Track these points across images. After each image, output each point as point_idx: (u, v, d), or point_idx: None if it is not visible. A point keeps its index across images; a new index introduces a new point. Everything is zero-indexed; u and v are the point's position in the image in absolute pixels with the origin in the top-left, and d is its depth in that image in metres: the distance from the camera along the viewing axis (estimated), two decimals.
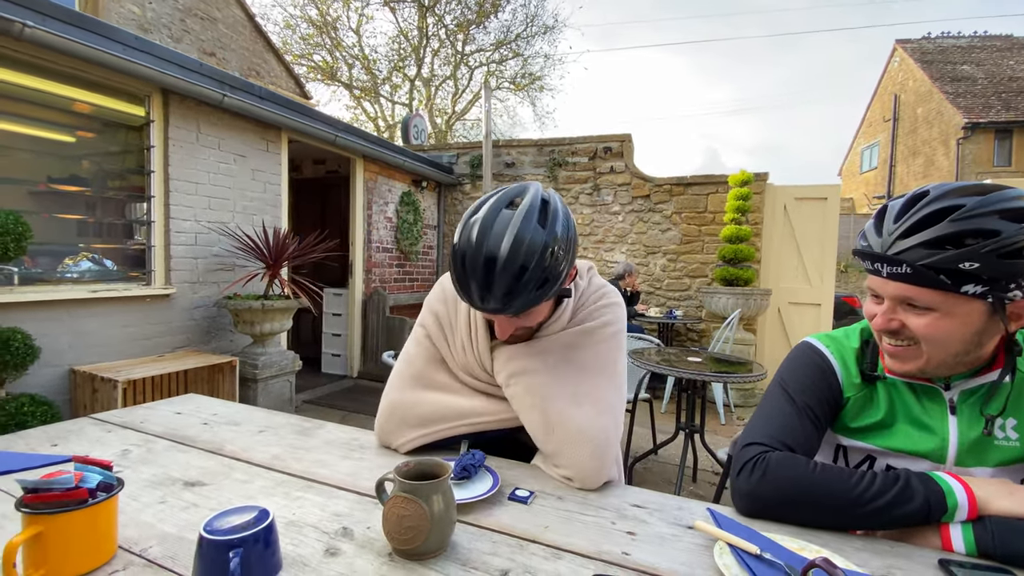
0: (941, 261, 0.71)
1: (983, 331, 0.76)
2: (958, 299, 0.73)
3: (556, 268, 0.85)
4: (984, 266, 0.70)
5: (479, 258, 0.82)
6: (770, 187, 5.46)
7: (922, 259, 0.73)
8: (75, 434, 1.11)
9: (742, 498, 0.83)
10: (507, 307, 0.85)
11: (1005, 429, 0.80)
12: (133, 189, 3.38)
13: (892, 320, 0.79)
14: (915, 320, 0.77)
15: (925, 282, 0.74)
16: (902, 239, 0.75)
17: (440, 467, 0.73)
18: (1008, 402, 0.81)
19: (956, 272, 0.71)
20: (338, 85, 15.58)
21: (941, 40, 17.84)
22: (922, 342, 0.78)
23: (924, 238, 0.73)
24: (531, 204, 0.85)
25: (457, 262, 0.85)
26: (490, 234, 0.82)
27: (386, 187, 5.77)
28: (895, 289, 0.77)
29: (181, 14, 7.35)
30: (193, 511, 0.79)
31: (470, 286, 0.84)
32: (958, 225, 0.71)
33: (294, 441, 1.10)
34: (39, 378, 2.76)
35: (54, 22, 2.64)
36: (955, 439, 0.82)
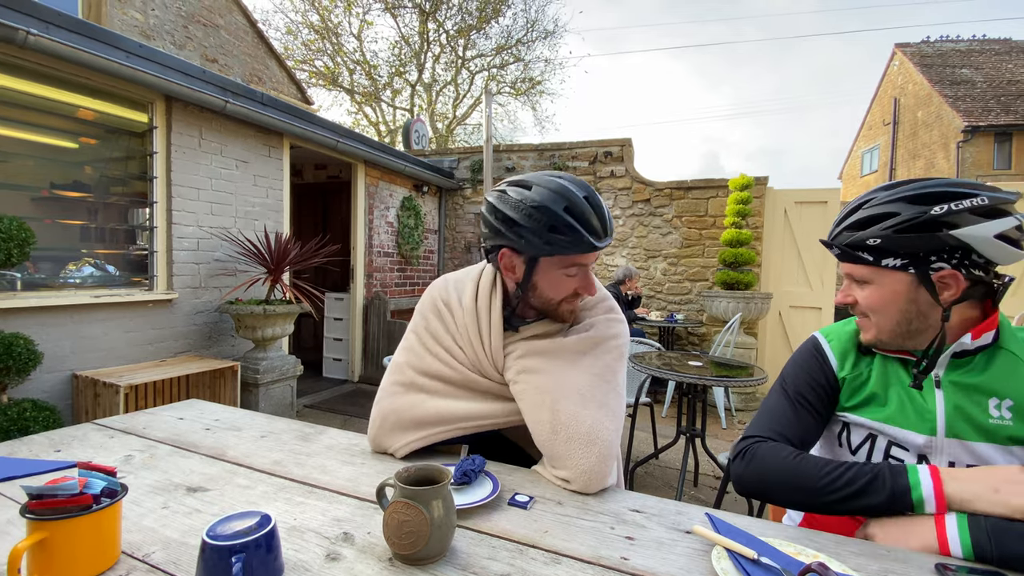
0: (856, 240, 0.88)
1: (916, 300, 0.86)
2: (883, 272, 0.88)
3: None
4: (886, 240, 0.85)
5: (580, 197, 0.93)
6: (770, 191, 5.48)
7: (845, 240, 0.90)
8: (78, 440, 1.12)
9: (734, 482, 0.97)
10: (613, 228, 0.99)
11: (1000, 409, 0.83)
12: (135, 195, 3.40)
13: (847, 296, 0.94)
14: (859, 293, 0.92)
15: (850, 259, 0.91)
16: (836, 227, 0.94)
17: (440, 473, 0.74)
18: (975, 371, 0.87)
19: (870, 248, 0.87)
20: (340, 90, 15.65)
21: (940, 44, 17.88)
22: (868, 312, 0.91)
23: (846, 224, 0.91)
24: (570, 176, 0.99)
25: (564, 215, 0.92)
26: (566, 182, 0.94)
27: (387, 192, 5.79)
28: (843, 268, 0.95)
29: (184, 21, 7.40)
30: (196, 516, 0.79)
31: (591, 223, 0.94)
32: (867, 211, 0.88)
33: (295, 447, 1.11)
34: (41, 383, 2.77)
35: (58, 30, 2.66)
36: (942, 410, 0.87)
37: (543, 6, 18.97)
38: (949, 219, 0.80)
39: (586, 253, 0.96)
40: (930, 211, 0.81)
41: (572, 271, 0.98)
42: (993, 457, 0.82)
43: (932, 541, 0.77)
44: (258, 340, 3.61)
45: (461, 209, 6.84)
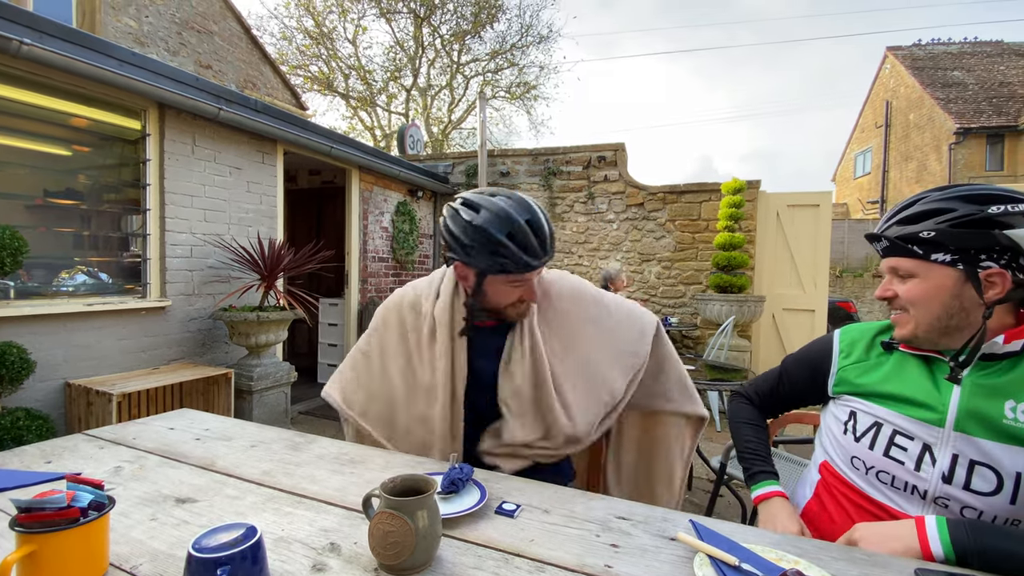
0: (906, 233, 0.90)
1: (960, 296, 0.87)
2: (931, 266, 0.89)
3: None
4: (940, 234, 0.86)
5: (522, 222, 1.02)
6: (763, 194, 5.51)
7: (896, 233, 0.92)
8: (69, 451, 1.13)
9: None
10: (554, 248, 1.08)
11: (1016, 411, 0.84)
12: (129, 202, 3.39)
13: (887, 289, 0.96)
14: (901, 287, 0.93)
15: (899, 252, 0.92)
16: (887, 221, 0.96)
17: (426, 483, 0.75)
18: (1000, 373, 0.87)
19: (922, 241, 0.88)
20: (335, 95, 15.65)
21: (932, 47, 18.04)
22: (909, 306, 0.92)
23: (899, 217, 0.93)
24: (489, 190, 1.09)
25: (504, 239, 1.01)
26: (511, 206, 1.03)
27: (382, 197, 5.80)
28: (885, 263, 0.96)
29: (178, 27, 7.40)
30: (184, 528, 0.80)
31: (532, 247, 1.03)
32: (923, 206, 0.90)
33: (285, 456, 1.12)
34: (34, 392, 2.76)
35: (51, 39, 2.67)
36: (955, 405, 0.88)
37: (537, 11, 19.10)
38: (1005, 219, 0.82)
39: (526, 272, 1.06)
40: (987, 209, 0.83)
41: (517, 283, 1.09)
42: (998, 455, 0.83)
43: (913, 542, 0.78)
44: (252, 347, 3.60)
45: None
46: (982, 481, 0.84)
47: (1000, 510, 0.83)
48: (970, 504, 0.85)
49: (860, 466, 0.97)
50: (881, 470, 0.93)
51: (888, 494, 0.93)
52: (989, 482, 0.83)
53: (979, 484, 0.84)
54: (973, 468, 0.84)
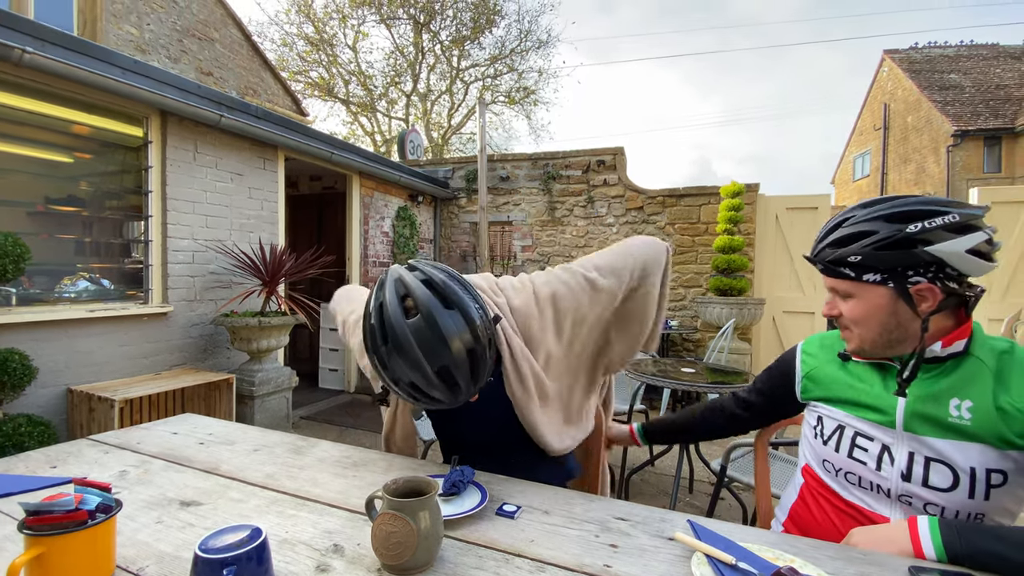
0: (837, 256, 0.93)
1: (896, 312, 0.90)
2: (864, 286, 0.92)
3: (488, 322, 0.91)
4: (866, 257, 0.90)
5: (431, 375, 0.85)
6: (761, 197, 5.53)
7: (828, 257, 0.95)
8: (74, 456, 1.14)
9: None
10: (480, 384, 0.91)
11: (960, 409, 0.87)
12: (130, 209, 3.42)
13: (833, 308, 0.99)
14: (843, 306, 0.97)
15: (833, 274, 0.96)
16: (819, 243, 0.99)
17: (428, 484, 0.76)
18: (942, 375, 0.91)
19: (852, 264, 0.92)
20: (335, 101, 15.72)
21: (928, 50, 18.11)
22: (851, 324, 0.96)
23: (827, 241, 0.96)
24: (427, 298, 0.86)
25: (408, 388, 0.87)
26: (425, 351, 0.84)
27: (382, 202, 5.82)
28: (827, 283, 0.99)
29: (179, 35, 7.45)
30: (189, 530, 0.81)
31: (437, 399, 0.88)
32: (848, 229, 0.93)
33: (288, 460, 1.13)
34: (36, 398, 2.77)
35: (53, 48, 2.69)
36: (901, 404, 0.93)
37: (536, 17, 19.17)
38: (924, 236, 0.85)
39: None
40: (905, 229, 0.86)
41: None
42: (949, 452, 0.86)
43: (906, 543, 0.80)
44: (253, 352, 3.61)
45: (456, 219, 6.87)
46: (939, 477, 0.87)
47: (961, 505, 0.85)
48: (931, 500, 0.88)
49: (830, 468, 1.01)
50: (848, 471, 0.98)
51: (857, 494, 0.97)
52: (946, 478, 0.86)
53: (936, 480, 0.87)
54: (929, 465, 0.88)
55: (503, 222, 6.66)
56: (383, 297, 0.88)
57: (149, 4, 6.96)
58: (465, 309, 0.87)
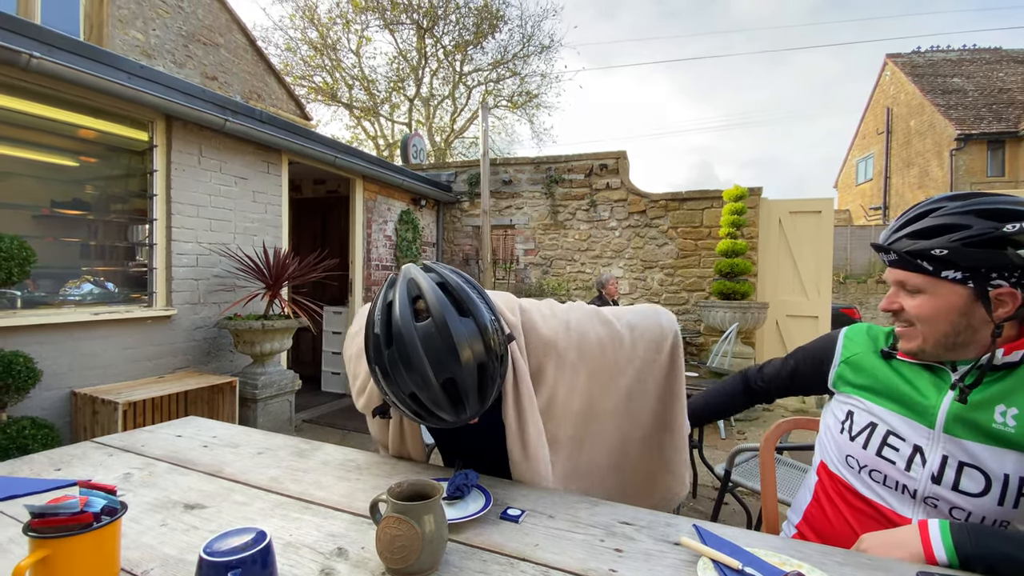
0: (920, 248, 0.86)
1: (969, 314, 0.85)
2: (940, 283, 0.86)
3: (501, 336, 0.85)
4: (952, 253, 0.83)
5: (435, 388, 0.78)
6: (764, 201, 5.53)
7: (906, 247, 0.88)
8: (78, 458, 1.14)
9: None
10: (486, 404, 0.84)
11: (1005, 416, 0.84)
12: (135, 212, 3.43)
13: (893, 302, 0.93)
14: (909, 302, 0.91)
15: (909, 266, 0.89)
16: (895, 233, 0.92)
17: (432, 488, 0.76)
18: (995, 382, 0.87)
19: (933, 258, 0.85)
20: (338, 105, 15.80)
21: (931, 54, 18.11)
22: (916, 322, 0.90)
23: (910, 230, 0.89)
24: (440, 302, 0.80)
25: (408, 400, 0.81)
26: (432, 360, 0.77)
27: (385, 206, 5.84)
28: (892, 275, 0.93)
29: (184, 40, 7.50)
30: (193, 533, 0.81)
31: (440, 415, 0.81)
32: (936, 219, 0.86)
33: (292, 463, 1.13)
34: (40, 401, 2.78)
35: (60, 52, 2.72)
36: (945, 406, 0.89)
37: (539, 22, 19.25)
38: (1020, 238, 0.80)
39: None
40: (1003, 228, 0.80)
41: None
42: (985, 457, 0.84)
43: (917, 547, 0.79)
44: (256, 355, 3.62)
45: (459, 222, 6.88)
46: (971, 482, 0.85)
47: (988, 511, 0.84)
48: (959, 505, 0.86)
49: (854, 464, 0.98)
50: (873, 469, 0.95)
51: (880, 492, 0.95)
52: (977, 483, 0.84)
53: (968, 485, 0.85)
54: (962, 469, 0.85)
55: (505, 226, 6.67)
56: (392, 296, 0.82)
57: (155, 9, 7.02)
58: (480, 318, 0.81)
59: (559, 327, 1.06)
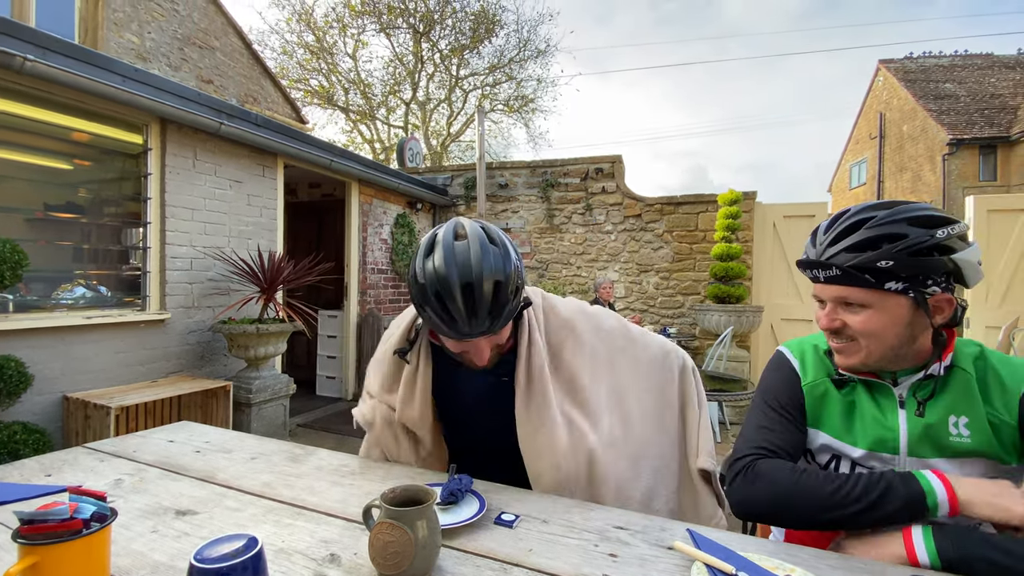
0: (863, 261, 0.83)
1: (912, 323, 0.85)
2: (884, 295, 0.84)
3: (521, 275, 0.95)
4: (898, 264, 0.82)
5: (457, 287, 0.87)
6: (759, 205, 5.56)
7: (848, 261, 0.85)
8: (69, 464, 1.13)
9: (736, 506, 0.92)
10: (495, 324, 0.90)
11: (958, 426, 0.85)
12: (129, 215, 3.42)
13: (834, 320, 0.90)
14: (852, 318, 0.87)
15: (854, 281, 0.85)
16: (830, 247, 0.88)
17: (426, 493, 0.75)
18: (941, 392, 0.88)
19: (877, 271, 0.83)
20: (335, 109, 15.79)
21: (923, 60, 18.28)
22: (859, 337, 0.87)
23: (847, 243, 0.86)
24: (477, 231, 0.93)
25: (432, 299, 0.88)
26: (458, 264, 0.88)
27: (381, 209, 5.83)
28: (832, 292, 0.89)
29: (180, 43, 7.49)
30: (184, 540, 0.80)
31: (454, 317, 0.88)
32: (873, 231, 0.84)
33: (285, 468, 1.12)
34: (32, 405, 2.75)
35: (54, 55, 2.71)
36: (904, 429, 0.88)
37: (535, 26, 19.28)
38: (949, 243, 0.81)
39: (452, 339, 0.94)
40: (936, 234, 0.81)
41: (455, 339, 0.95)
42: (948, 469, 0.84)
43: (901, 552, 0.79)
44: (251, 359, 3.60)
45: None
46: None
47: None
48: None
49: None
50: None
51: None
52: None
53: None
54: None
55: (502, 229, 6.68)
56: (439, 229, 0.95)
57: (150, 13, 7.01)
58: (506, 250, 0.93)
59: (576, 310, 1.14)
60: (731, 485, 0.92)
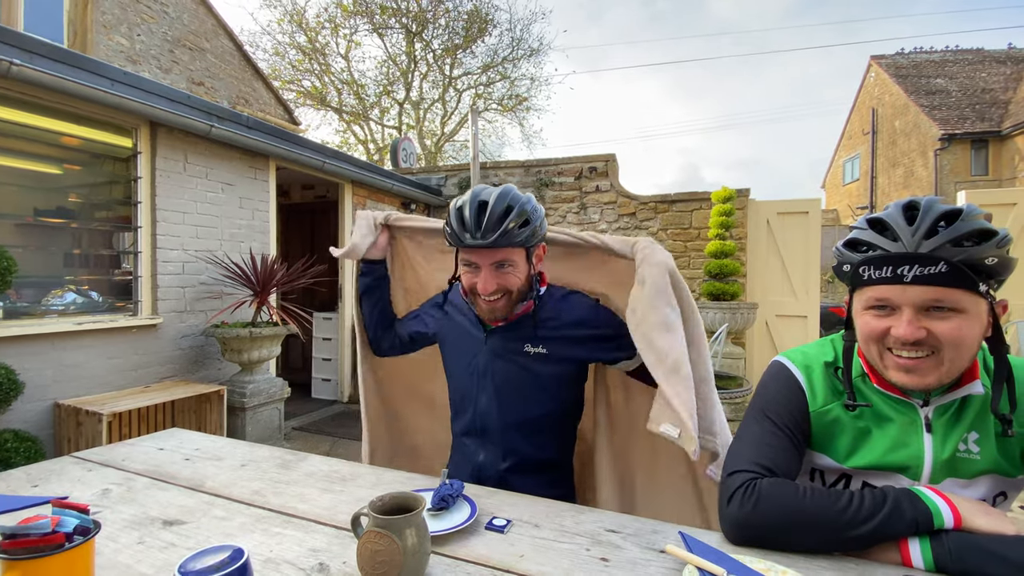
0: (972, 256, 0.71)
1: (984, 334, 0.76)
2: (978, 299, 0.73)
3: (535, 216, 1.09)
4: (1000, 261, 0.72)
5: (474, 203, 1.06)
6: (753, 202, 5.57)
7: (957, 256, 0.71)
8: (56, 474, 1.11)
9: (734, 527, 0.82)
10: (498, 240, 1.03)
11: (967, 443, 0.81)
12: (120, 220, 3.39)
13: (920, 328, 0.74)
14: (940, 325, 0.74)
15: (958, 281, 0.72)
16: (929, 238, 0.74)
17: (415, 500, 0.75)
18: (963, 412, 0.82)
19: (981, 268, 0.72)
20: (328, 110, 15.73)
21: (914, 55, 18.37)
22: (945, 348, 0.74)
23: (950, 235, 0.73)
24: (508, 185, 1.13)
25: (453, 212, 1.08)
26: (482, 191, 1.09)
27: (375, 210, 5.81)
28: (924, 294, 0.74)
29: (170, 45, 7.44)
30: (171, 551, 0.79)
31: (466, 223, 1.05)
32: (970, 224, 0.73)
33: (276, 475, 1.11)
34: (22, 413, 2.73)
35: (42, 59, 2.68)
36: (930, 457, 0.81)
37: (527, 25, 19.31)
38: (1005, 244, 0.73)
39: (463, 248, 1.09)
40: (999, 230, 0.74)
41: (467, 267, 1.12)
42: (956, 489, 0.81)
43: (895, 552, 0.78)
44: (244, 363, 3.58)
45: None
46: None
47: None
48: None
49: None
50: None
51: None
52: None
53: None
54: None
55: None
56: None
57: (139, 15, 6.95)
58: (531, 199, 1.11)
59: None
60: (728, 503, 0.83)
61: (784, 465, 0.87)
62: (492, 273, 1.08)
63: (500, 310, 1.11)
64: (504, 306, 1.11)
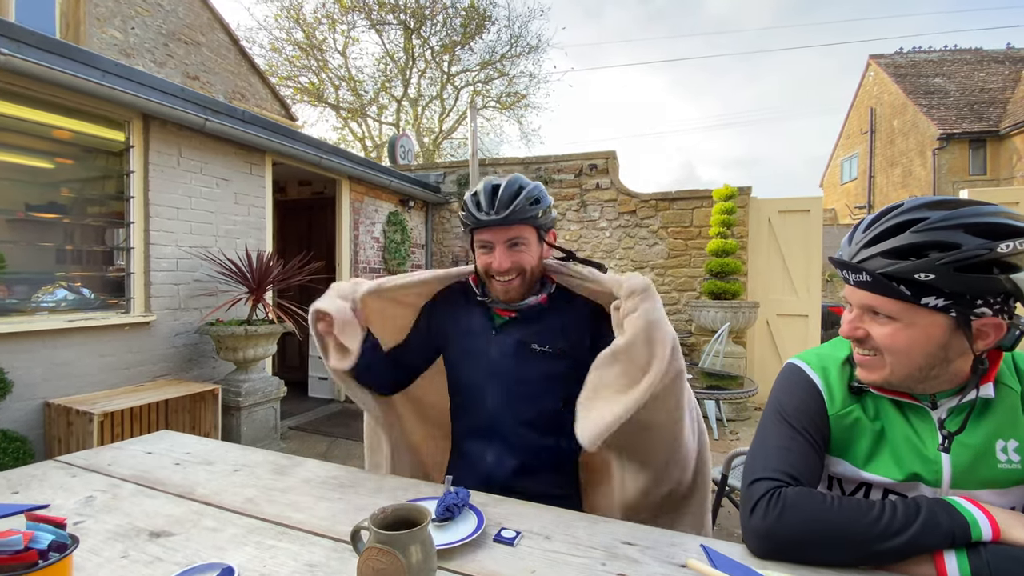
0: (898, 271, 0.73)
1: (948, 346, 0.75)
2: (919, 311, 0.74)
3: (544, 198, 1.17)
4: (940, 278, 0.71)
5: (488, 186, 1.14)
6: (754, 201, 5.53)
7: (881, 268, 0.74)
8: (38, 480, 1.06)
9: (758, 539, 0.78)
10: (509, 217, 1.10)
11: (1007, 452, 0.77)
12: (112, 215, 3.32)
13: (857, 328, 0.81)
14: (878, 329, 0.78)
15: (884, 291, 0.75)
16: (866, 248, 0.77)
17: (420, 513, 0.69)
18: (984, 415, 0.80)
19: (914, 283, 0.72)
20: (325, 106, 15.61)
21: (913, 55, 18.36)
22: (884, 352, 0.78)
23: (885, 247, 0.75)
24: (517, 173, 1.18)
25: (470, 199, 1.16)
26: (494, 178, 1.17)
27: (373, 207, 5.74)
28: (860, 297, 0.79)
29: (164, 39, 7.34)
30: (157, 566, 0.74)
31: (480, 204, 1.13)
32: (919, 236, 0.72)
33: (270, 481, 1.06)
34: (12, 413, 2.66)
35: (31, 50, 2.60)
36: (948, 466, 0.79)
37: (526, 22, 19.20)
38: (1013, 259, 0.69)
39: (477, 228, 1.15)
40: (997, 247, 0.69)
41: (482, 248, 1.17)
42: (992, 500, 0.78)
43: (929, 566, 0.74)
44: (240, 362, 3.52)
45: (448, 223, 6.81)
46: None
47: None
48: None
49: None
50: None
51: None
52: None
53: None
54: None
55: None
56: None
57: (134, 7, 6.85)
58: (539, 186, 1.17)
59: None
60: (751, 514, 0.80)
61: (807, 472, 0.84)
62: (506, 251, 1.13)
63: (514, 290, 1.15)
64: (518, 286, 1.15)
